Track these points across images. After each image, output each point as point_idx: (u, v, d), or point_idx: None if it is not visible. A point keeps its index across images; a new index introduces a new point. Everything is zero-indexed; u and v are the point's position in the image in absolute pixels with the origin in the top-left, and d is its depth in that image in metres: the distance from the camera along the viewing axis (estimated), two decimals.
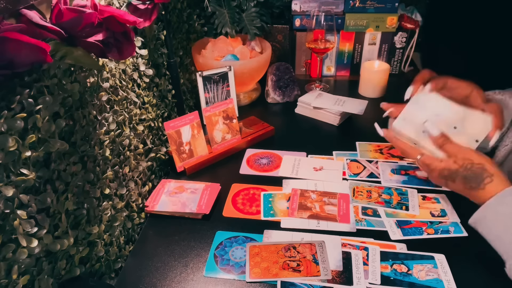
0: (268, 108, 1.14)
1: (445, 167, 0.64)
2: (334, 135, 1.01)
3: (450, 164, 0.63)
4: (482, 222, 0.60)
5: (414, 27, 1.20)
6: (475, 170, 0.61)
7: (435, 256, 0.64)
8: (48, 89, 0.48)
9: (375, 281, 0.60)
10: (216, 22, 1.11)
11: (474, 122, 0.67)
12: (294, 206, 0.75)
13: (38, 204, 0.46)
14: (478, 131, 0.67)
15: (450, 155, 0.64)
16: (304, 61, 1.31)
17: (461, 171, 0.62)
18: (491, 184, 0.59)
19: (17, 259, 0.43)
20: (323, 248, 0.66)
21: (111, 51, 0.51)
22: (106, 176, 0.61)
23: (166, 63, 0.88)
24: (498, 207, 0.58)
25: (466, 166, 0.61)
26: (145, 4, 0.69)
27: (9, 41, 0.37)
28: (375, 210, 0.74)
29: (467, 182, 0.61)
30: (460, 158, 0.63)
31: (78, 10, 0.45)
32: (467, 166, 0.61)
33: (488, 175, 0.60)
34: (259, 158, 0.91)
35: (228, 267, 0.64)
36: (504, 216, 0.57)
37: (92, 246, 0.58)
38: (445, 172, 0.63)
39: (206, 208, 0.74)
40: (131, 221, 0.70)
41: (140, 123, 0.75)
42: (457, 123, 0.68)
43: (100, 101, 0.60)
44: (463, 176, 0.61)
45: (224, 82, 1.00)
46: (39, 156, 0.46)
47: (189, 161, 0.86)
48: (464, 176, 0.61)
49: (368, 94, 1.17)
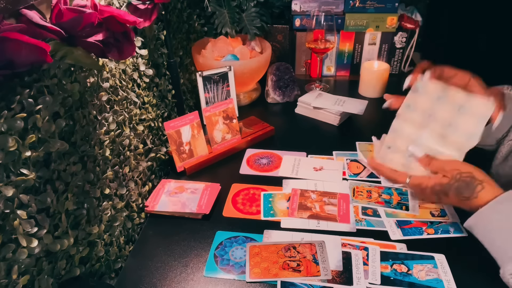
0: (268, 108, 1.14)
1: (436, 182, 0.64)
2: (334, 135, 1.01)
3: (439, 178, 0.64)
4: (476, 228, 0.61)
5: (414, 27, 1.20)
6: (465, 179, 0.61)
7: (435, 256, 0.64)
8: (48, 89, 0.48)
9: (375, 281, 0.60)
10: (216, 22, 1.11)
11: (477, 105, 0.67)
12: (294, 206, 0.75)
13: (38, 204, 0.46)
14: (481, 113, 0.66)
15: (438, 171, 0.65)
16: (304, 61, 1.31)
17: (452, 183, 0.62)
18: (483, 191, 0.60)
19: (17, 259, 0.43)
20: (323, 248, 0.66)
21: (111, 51, 0.51)
22: (106, 176, 0.61)
23: (166, 63, 0.88)
24: (491, 215, 0.58)
25: (456, 177, 0.62)
26: (145, 4, 0.69)
27: (9, 41, 0.37)
28: (375, 210, 0.74)
29: (460, 193, 0.61)
30: (448, 170, 0.63)
31: (78, 10, 0.45)
32: (456, 177, 0.62)
33: (478, 182, 0.60)
34: (259, 158, 0.91)
35: (228, 267, 0.64)
36: (497, 223, 0.58)
37: (92, 246, 0.58)
38: (436, 187, 0.64)
39: (206, 208, 0.74)
40: (131, 221, 0.70)
41: (140, 123, 0.75)
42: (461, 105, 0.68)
43: (100, 101, 0.60)
44: (455, 188, 0.62)
45: (224, 82, 1.00)
46: (39, 156, 0.46)
47: (189, 161, 0.86)
48: (456, 187, 0.61)
49: (368, 94, 1.17)
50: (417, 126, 0.70)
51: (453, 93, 0.69)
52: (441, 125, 0.68)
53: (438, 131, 0.68)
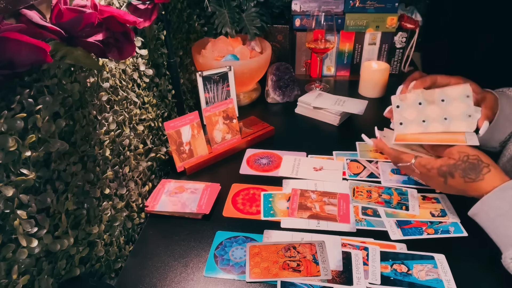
0: (268, 108, 1.14)
1: (443, 163, 0.65)
2: (334, 135, 1.01)
3: (446, 160, 0.65)
4: (480, 214, 0.62)
5: (414, 27, 1.20)
6: (472, 161, 0.62)
7: (435, 256, 0.64)
8: (48, 89, 0.48)
9: (375, 281, 0.60)
10: (216, 22, 1.11)
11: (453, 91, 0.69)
12: (294, 206, 0.75)
13: (38, 204, 0.46)
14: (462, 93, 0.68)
15: (445, 155, 0.66)
16: (304, 61, 1.31)
17: (459, 164, 0.63)
18: (490, 174, 0.61)
19: (17, 259, 0.43)
20: (323, 248, 0.66)
21: (111, 51, 0.51)
22: (106, 176, 0.61)
23: (166, 63, 0.88)
24: (495, 201, 0.59)
25: (463, 158, 0.63)
26: (145, 4, 0.69)
27: (9, 41, 0.37)
28: (375, 210, 0.74)
29: (466, 174, 0.62)
30: (455, 152, 0.64)
31: (78, 10, 0.45)
32: (463, 158, 0.63)
33: (485, 165, 0.61)
34: (259, 158, 0.91)
35: (228, 267, 0.64)
36: (500, 209, 0.58)
37: (92, 246, 0.58)
38: (443, 168, 0.64)
39: (206, 208, 0.74)
40: (131, 221, 0.70)
41: (140, 123, 0.75)
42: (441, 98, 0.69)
43: (100, 101, 0.60)
44: (461, 169, 0.62)
45: (224, 82, 1.01)
46: (39, 156, 0.46)
47: (189, 161, 0.86)
48: (463, 168, 0.62)
49: (368, 94, 1.17)
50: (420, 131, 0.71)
51: (428, 94, 0.70)
52: (439, 123, 0.69)
53: (440, 129, 0.69)
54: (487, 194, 0.60)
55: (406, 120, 0.71)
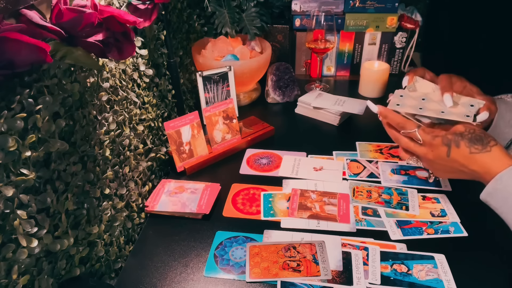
0: (268, 108, 1.14)
1: (449, 132, 0.63)
2: (334, 135, 1.01)
3: (453, 129, 0.63)
4: (493, 195, 0.58)
5: (414, 27, 1.20)
6: (479, 134, 0.61)
7: (435, 256, 0.64)
8: (48, 89, 0.48)
9: (375, 281, 0.60)
10: (216, 22, 1.11)
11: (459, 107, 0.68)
12: (294, 206, 0.75)
13: (38, 204, 0.46)
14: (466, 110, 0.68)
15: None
16: (304, 61, 1.31)
17: (466, 134, 0.61)
18: (497, 148, 0.59)
19: (17, 259, 0.43)
20: (323, 248, 0.66)
21: (111, 51, 0.51)
22: (106, 176, 0.61)
23: (166, 63, 0.88)
24: (510, 180, 0.56)
25: (470, 130, 0.62)
26: (145, 4, 0.69)
27: (9, 41, 0.37)
28: (375, 210, 0.74)
29: (472, 144, 0.60)
30: (461, 126, 0.63)
31: (78, 10, 0.45)
32: (470, 130, 0.62)
33: (492, 139, 0.60)
34: (259, 158, 0.91)
35: (228, 267, 0.64)
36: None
37: (92, 246, 0.58)
38: (449, 136, 0.62)
39: (206, 208, 0.74)
40: (131, 221, 0.70)
41: (140, 123, 0.75)
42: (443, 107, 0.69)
43: (100, 101, 0.60)
44: (468, 139, 0.61)
45: (224, 82, 1.00)
46: (39, 156, 0.46)
47: (189, 161, 0.86)
48: (469, 138, 0.61)
49: (368, 94, 1.17)
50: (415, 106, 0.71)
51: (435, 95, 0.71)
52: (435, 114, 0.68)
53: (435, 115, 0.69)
54: (501, 173, 0.57)
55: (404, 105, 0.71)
